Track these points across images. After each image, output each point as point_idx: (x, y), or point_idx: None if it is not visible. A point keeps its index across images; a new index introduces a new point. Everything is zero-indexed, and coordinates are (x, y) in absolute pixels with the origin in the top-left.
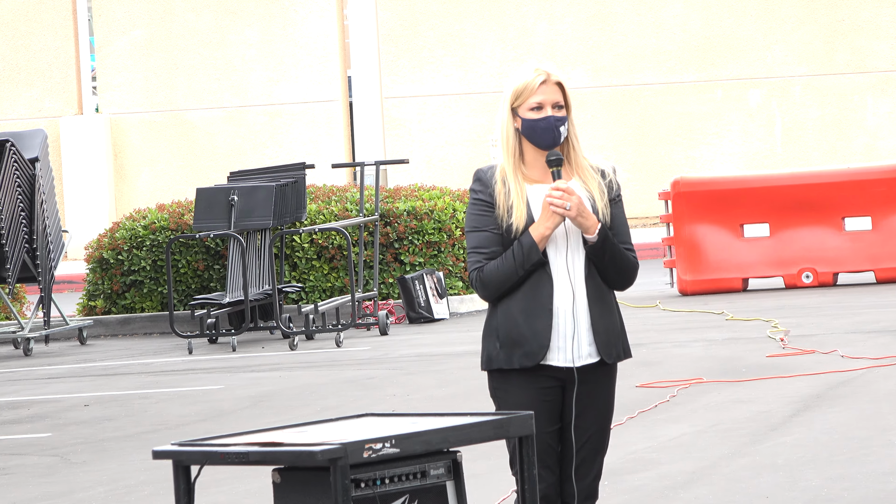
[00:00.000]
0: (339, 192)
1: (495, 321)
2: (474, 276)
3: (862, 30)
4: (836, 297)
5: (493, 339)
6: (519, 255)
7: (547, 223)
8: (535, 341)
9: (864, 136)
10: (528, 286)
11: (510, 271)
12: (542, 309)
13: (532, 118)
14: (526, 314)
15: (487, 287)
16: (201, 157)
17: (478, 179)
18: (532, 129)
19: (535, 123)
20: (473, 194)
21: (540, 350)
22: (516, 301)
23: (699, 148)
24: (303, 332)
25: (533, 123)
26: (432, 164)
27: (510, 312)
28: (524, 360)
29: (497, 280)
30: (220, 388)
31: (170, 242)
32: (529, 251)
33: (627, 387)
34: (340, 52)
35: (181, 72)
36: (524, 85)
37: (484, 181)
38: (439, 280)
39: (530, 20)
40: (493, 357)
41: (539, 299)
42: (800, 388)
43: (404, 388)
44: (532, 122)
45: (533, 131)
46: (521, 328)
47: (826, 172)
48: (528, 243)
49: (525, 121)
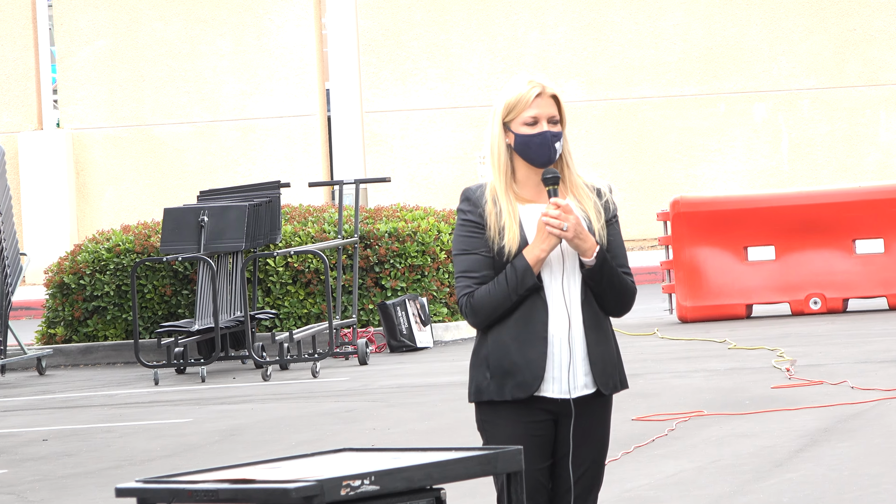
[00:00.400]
0: (316, 213)
1: (485, 350)
2: (464, 302)
3: (874, 40)
4: (846, 324)
5: (482, 368)
6: (512, 279)
7: (542, 245)
8: (529, 371)
9: (877, 153)
10: (521, 312)
11: (503, 297)
12: (536, 337)
13: (526, 133)
14: (519, 342)
15: (478, 314)
16: (169, 175)
17: (466, 199)
18: (526, 145)
19: (530, 139)
20: (461, 215)
21: (534, 380)
22: (508, 328)
23: (700, 165)
24: (277, 362)
25: (527, 139)
26: (416, 183)
27: (501, 340)
28: (517, 392)
29: (488, 306)
30: (188, 421)
31: (135, 266)
32: (524, 275)
33: (623, 420)
34: (318, 64)
35: (148, 84)
36: (518, 98)
37: (473, 201)
38: (423, 306)
39: (521, 29)
40: (482, 388)
41: (533, 326)
42: (807, 421)
43: (385, 422)
44: (526, 137)
45: (527, 147)
46: (513, 357)
47: (836, 192)
48: (522, 267)
49: (518, 136)
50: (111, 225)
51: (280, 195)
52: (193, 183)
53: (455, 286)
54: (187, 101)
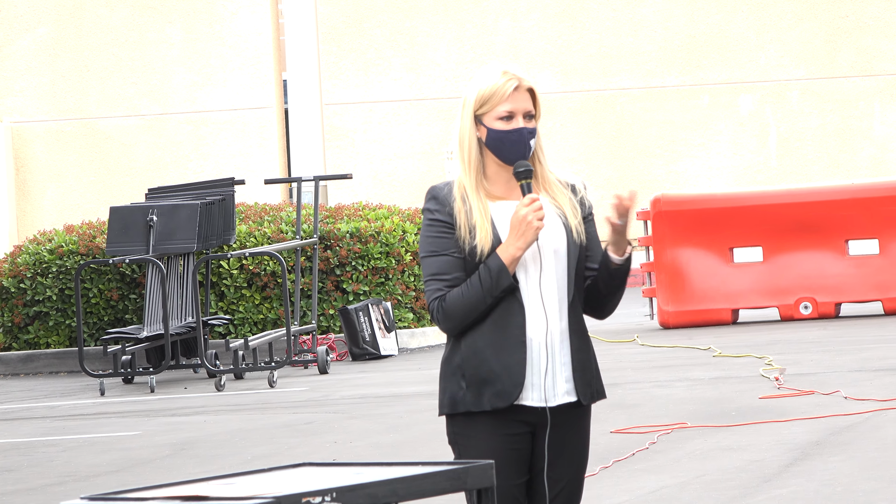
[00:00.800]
0: (272, 212)
1: (458, 357)
2: (435, 307)
3: (868, 27)
4: (839, 330)
5: (456, 378)
6: (487, 280)
7: (518, 243)
8: (509, 379)
9: (871, 148)
10: (496, 316)
11: (477, 299)
12: (514, 341)
13: (500, 129)
14: (495, 348)
15: (451, 318)
16: (116, 171)
17: (433, 198)
18: (500, 141)
19: (505, 135)
20: (429, 214)
21: (514, 388)
22: (483, 333)
23: (683, 161)
24: (231, 371)
25: (502, 135)
26: (379, 180)
27: (476, 347)
28: (496, 401)
29: (462, 310)
30: (136, 434)
31: (79, 269)
32: (499, 275)
33: (601, 432)
34: (274, 53)
35: (93, 74)
36: (493, 90)
37: (440, 199)
38: (387, 311)
39: (491, 16)
40: (457, 399)
41: (510, 330)
42: (797, 433)
43: (346, 434)
44: (500, 133)
45: (501, 144)
46: (490, 364)
47: (827, 189)
48: (497, 266)
49: (492, 131)
50: (53, 225)
51: (234, 193)
52: (141, 180)
53: (424, 290)
54: (135, 93)
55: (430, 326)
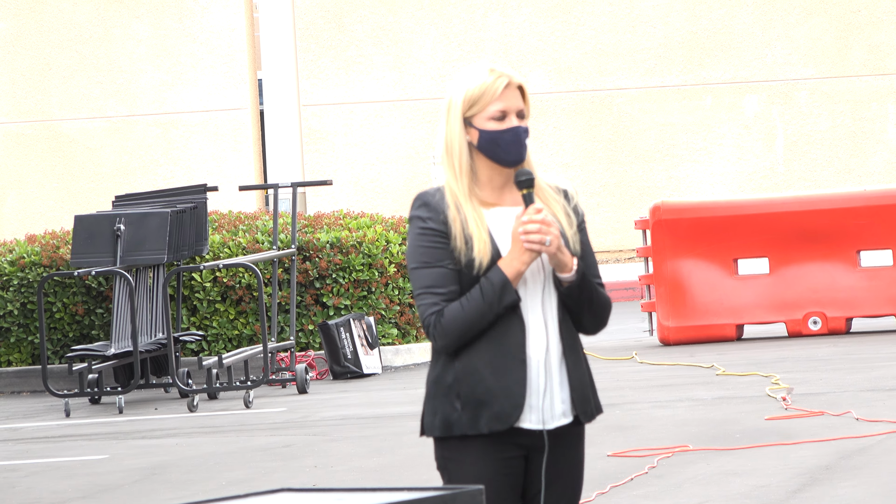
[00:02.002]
0: (248, 221)
1: (450, 376)
2: (431, 322)
3: (881, 23)
4: (850, 347)
5: (450, 398)
6: (489, 294)
7: (522, 257)
8: (508, 400)
9: (884, 152)
10: (494, 333)
11: (477, 315)
12: (514, 360)
13: (494, 129)
14: (493, 367)
15: (449, 334)
16: (80, 177)
17: (424, 204)
18: (494, 142)
19: (500, 135)
20: (419, 222)
21: (513, 410)
22: (480, 351)
23: (684, 166)
24: (204, 391)
25: (496, 136)
26: (361, 186)
27: (473, 365)
28: (494, 424)
29: (462, 326)
30: (103, 457)
31: (42, 281)
32: (502, 291)
33: (597, 455)
34: (249, 50)
35: (55, 73)
36: (482, 89)
37: (432, 206)
38: (369, 327)
39: (479, 11)
40: (452, 421)
41: (508, 349)
42: (805, 457)
43: (327, 458)
44: (494, 133)
45: (495, 145)
46: (488, 384)
47: (838, 196)
48: (500, 281)
49: (484, 132)
50: (14, 234)
51: (207, 200)
52: (108, 186)
53: (417, 304)
54: (100, 93)
55: (415, 343)
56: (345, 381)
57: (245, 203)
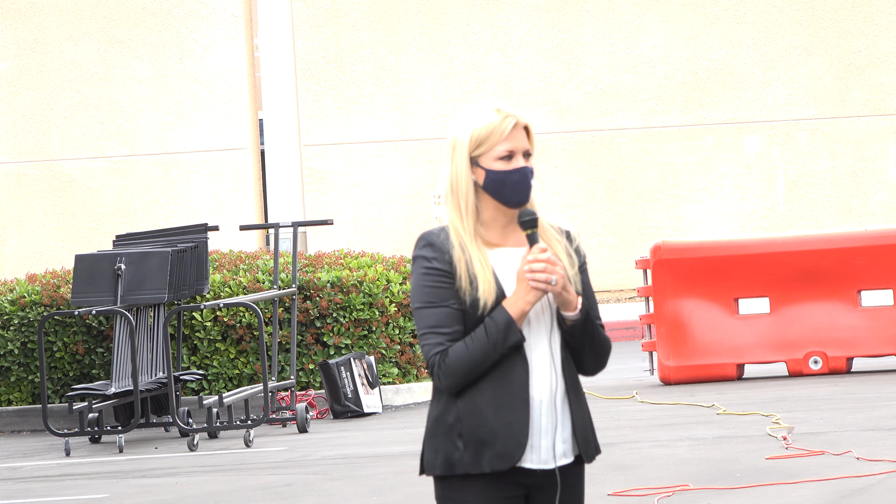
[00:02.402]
0: (248, 260)
1: (452, 415)
2: (436, 361)
3: (882, 63)
4: (851, 386)
5: (452, 437)
6: (494, 334)
7: (527, 297)
8: (511, 439)
9: (885, 192)
10: (498, 373)
11: (482, 355)
12: (517, 399)
13: (501, 170)
14: (496, 407)
15: (453, 374)
16: (81, 217)
17: (429, 244)
18: (501, 182)
19: (506, 176)
20: (424, 262)
21: (517, 449)
22: (483, 391)
23: (685, 206)
24: (205, 430)
25: (502, 176)
26: (362, 226)
27: (475, 405)
28: (497, 463)
29: (466, 366)
30: (104, 497)
31: (43, 320)
32: (507, 331)
33: (598, 495)
34: (250, 90)
35: (56, 113)
36: (490, 129)
37: (437, 246)
38: (370, 366)
39: (480, 52)
40: (453, 459)
41: (512, 388)
42: (806, 496)
43: (328, 498)
44: (501, 174)
45: (502, 185)
46: (490, 423)
47: (838, 236)
48: (505, 321)
49: (491, 173)
50: (15, 273)
51: (207, 240)
52: (109, 226)
53: (421, 344)
54: (101, 133)
55: (415, 382)
56: (345, 420)
57: (246, 242)
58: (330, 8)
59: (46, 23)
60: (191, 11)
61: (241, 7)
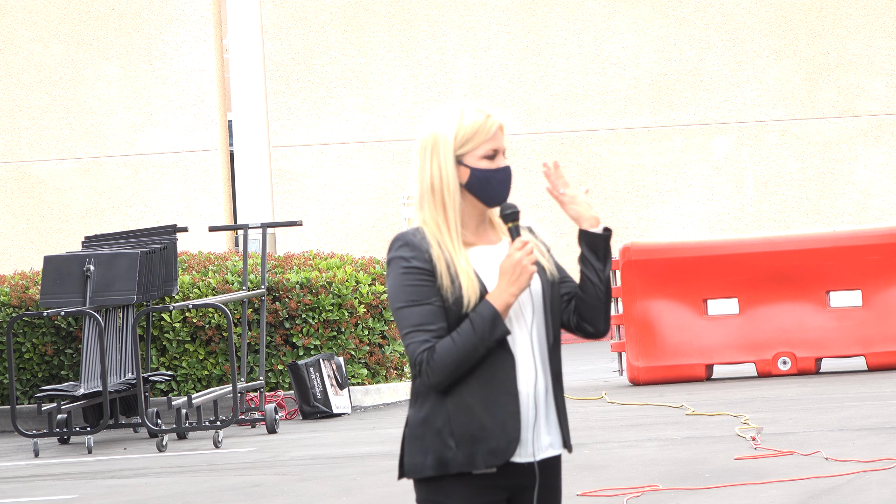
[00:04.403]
0: (217, 261)
1: (441, 416)
2: (423, 359)
3: (850, 65)
4: (819, 387)
5: (442, 436)
6: (480, 328)
7: (511, 289)
8: (503, 434)
9: (854, 193)
10: (485, 368)
11: (469, 349)
12: (505, 394)
13: (486, 168)
14: (485, 402)
15: (441, 371)
16: (50, 218)
17: (406, 244)
18: (486, 181)
19: (492, 175)
20: (403, 262)
21: (509, 444)
22: (471, 388)
23: (654, 207)
24: (174, 430)
25: (488, 175)
26: (331, 227)
27: (465, 403)
28: (490, 459)
29: (454, 362)
30: (73, 497)
31: (11, 322)
32: (493, 324)
33: (567, 495)
34: (219, 92)
35: (24, 115)
36: (475, 128)
37: (415, 245)
38: (339, 367)
39: (449, 53)
40: (447, 459)
41: (499, 383)
42: (775, 496)
43: (297, 498)
44: (487, 173)
45: (487, 184)
46: (481, 420)
47: (807, 237)
48: (490, 314)
49: (476, 171)
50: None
51: (176, 241)
52: (77, 227)
53: (406, 343)
54: (70, 135)
55: (385, 383)
56: (314, 421)
57: (215, 244)
58: (299, 10)
59: (15, 24)
60: (160, 13)
61: (210, 9)
